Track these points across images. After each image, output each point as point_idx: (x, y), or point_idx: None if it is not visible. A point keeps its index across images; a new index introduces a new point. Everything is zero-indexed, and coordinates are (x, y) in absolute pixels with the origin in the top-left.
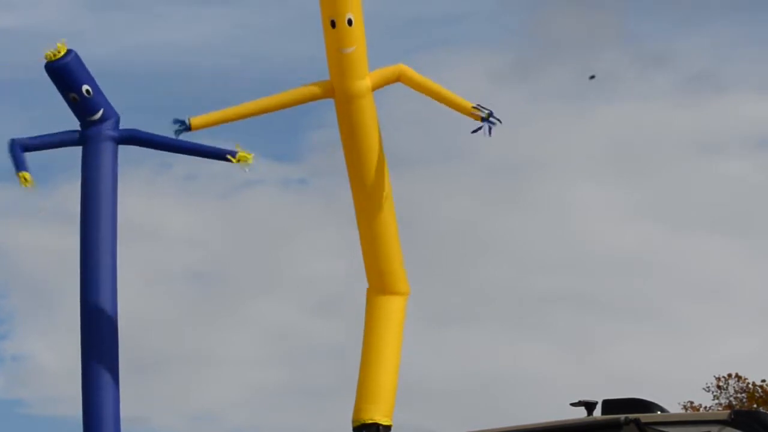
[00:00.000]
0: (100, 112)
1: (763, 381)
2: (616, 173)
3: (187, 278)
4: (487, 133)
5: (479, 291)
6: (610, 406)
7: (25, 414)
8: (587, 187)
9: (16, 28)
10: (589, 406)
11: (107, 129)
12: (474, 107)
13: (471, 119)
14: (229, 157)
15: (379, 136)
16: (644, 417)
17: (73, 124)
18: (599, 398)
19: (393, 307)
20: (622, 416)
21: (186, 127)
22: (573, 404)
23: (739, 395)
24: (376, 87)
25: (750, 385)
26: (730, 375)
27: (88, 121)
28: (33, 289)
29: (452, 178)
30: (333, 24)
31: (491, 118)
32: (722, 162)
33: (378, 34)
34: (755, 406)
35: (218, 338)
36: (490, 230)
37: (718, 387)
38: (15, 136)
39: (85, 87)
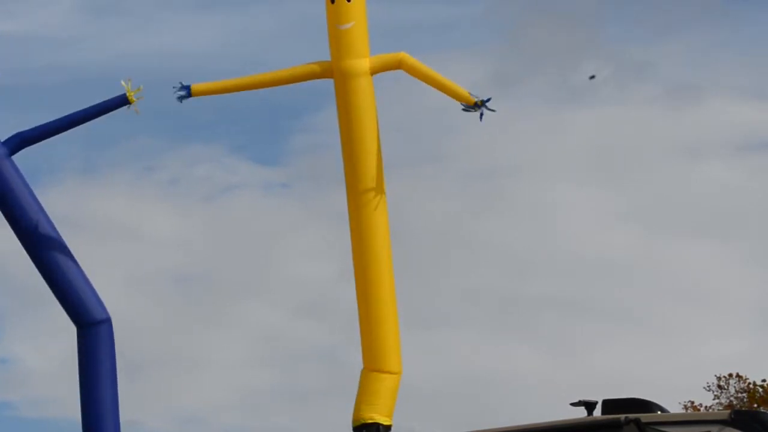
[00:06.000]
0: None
1: (764, 381)
2: (598, 178)
3: (173, 281)
4: (480, 118)
5: (466, 293)
6: (610, 405)
7: (12, 416)
8: (571, 192)
9: (17, 33)
10: (590, 406)
11: None
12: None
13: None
14: (126, 98)
15: (376, 121)
16: (644, 417)
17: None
18: (599, 398)
19: (386, 384)
20: (623, 416)
21: (187, 93)
22: (573, 404)
23: (739, 395)
24: (375, 71)
25: (751, 385)
26: (730, 375)
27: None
28: (21, 293)
29: (436, 183)
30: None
31: (485, 105)
32: (703, 166)
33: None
34: (756, 405)
35: (206, 341)
36: (475, 234)
37: (719, 387)
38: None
39: None
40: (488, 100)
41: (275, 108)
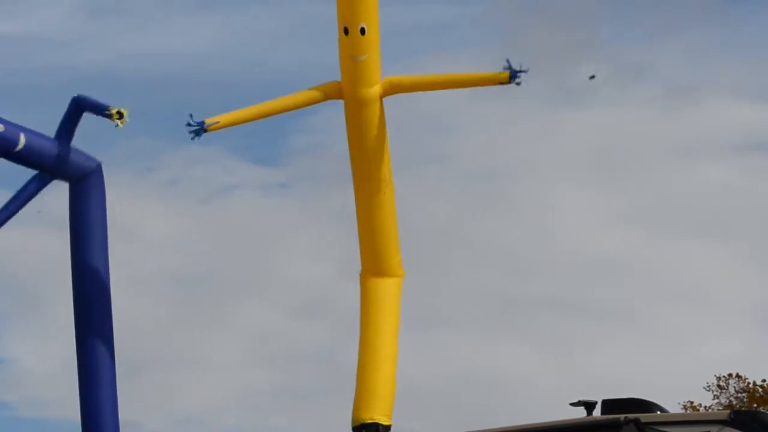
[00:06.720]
0: (22, 137)
1: (764, 381)
2: (598, 178)
3: (173, 281)
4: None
5: (466, 293)
6: (609, 405)
7: (10, 417)
8: (571, 192)
9: (17, 33)
10: (589, 406)
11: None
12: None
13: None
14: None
15: (387, 142)
16: (644, 417)
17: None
18: (598, 398)
19: (388, 291)
20: (622, 416)
21: (203, 130)
22: (573, 404)
23: (739, 395)
24: (386, 94)
25: (751, 385)
26: (730, 375)
27: (15, 153)
28: (19, 292)
29: (437, 183)
30: (346, 31)
31: (518, 74)
32: (703, 166)
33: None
34: (756, 405)
35: (206, 341)
36: (475, 234)
37: (719, 387)
38: None
39: None
40: (518, 72)
41: None
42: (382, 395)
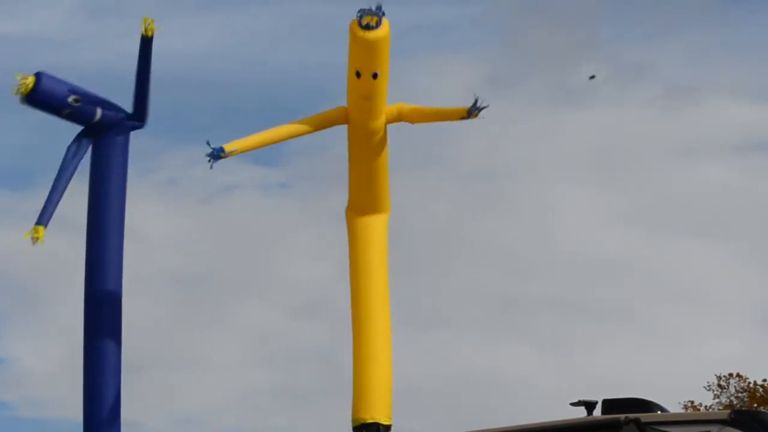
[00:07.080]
0: (99, 110)
1: (764, 380)
2: (598, 178)
3: (173, 282)
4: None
5: (466, 293)
6: (610, 405)
7: (10, 417)
8: (571, 192)
9: (17, 33)
10: (589, 406)
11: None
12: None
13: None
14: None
15: (387, 162)
16: (644, 416)
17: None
18: (599, 398)
19: (376, 234)
20: (623, 416)
21: (221, 156)
22: (573, 404)
23: (740, 394)
24: (390, 122)
25: (751, 385)
26: (731, 374)
27: (94, 123)
28: (19, 292)
29: (437, 184)
30: (358, 75)
31: (477, 108)
32: (703, 166)
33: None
34: (756, 405)
35: (206, 341)
36: (475, 234)
37: (719, 386)
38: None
39: (71, 98)
40: (476, 103)
41: (274, 108)
42: (381, 394)
